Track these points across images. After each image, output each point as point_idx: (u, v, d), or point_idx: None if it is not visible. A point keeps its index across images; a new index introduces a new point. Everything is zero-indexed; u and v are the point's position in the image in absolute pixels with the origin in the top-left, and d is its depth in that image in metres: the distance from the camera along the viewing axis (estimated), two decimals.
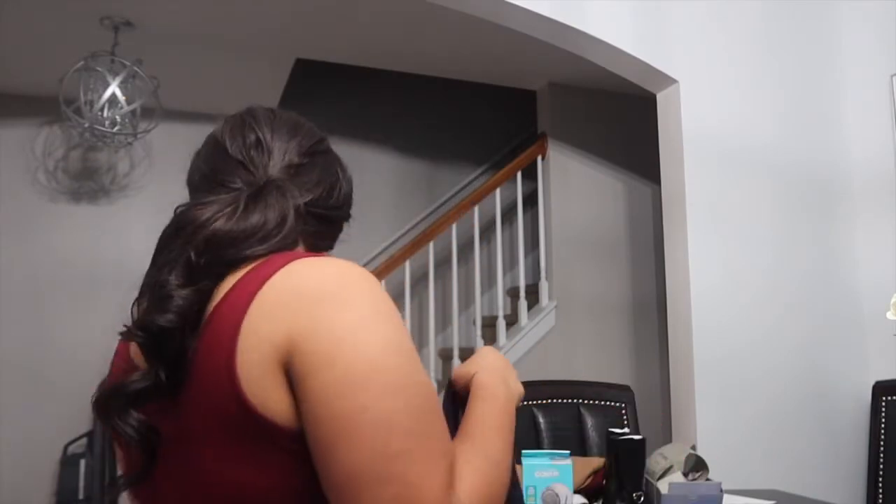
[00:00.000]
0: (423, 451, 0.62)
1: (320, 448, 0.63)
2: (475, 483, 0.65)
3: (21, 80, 3.76)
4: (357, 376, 0.62)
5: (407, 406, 0.63)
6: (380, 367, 0.63)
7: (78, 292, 3.95)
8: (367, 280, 0.70)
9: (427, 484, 0.60)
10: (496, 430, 0.76)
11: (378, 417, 0.61)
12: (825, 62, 2.93)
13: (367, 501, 0.60)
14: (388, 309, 0.68)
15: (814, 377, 2.74)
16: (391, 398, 0.62)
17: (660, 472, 1.54)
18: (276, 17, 3.17)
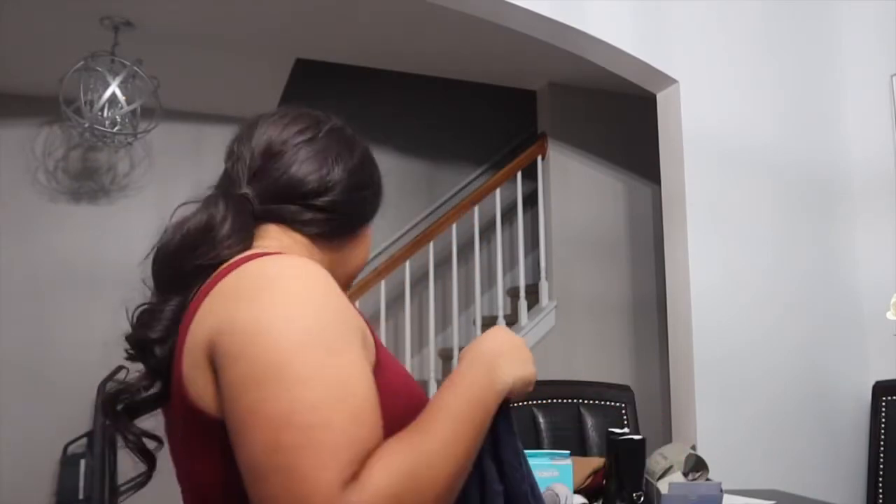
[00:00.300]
0: (320, 444, 0.61)
1: (231, 440, 0.66)
2: (391, 476, 0.62)
3: (21, 80, 3.76)
4: (259, 371, 0.64)
5: (308, 399, 0.63)
6: (283, 362, 0.64)
7: (78, 292, 3.95)
8: (302, 277, 0.72)
9: (317, 476, 0.60)
10: (448, 419, 0.70)
11: (275, 411, 0.62)
12: (825, 62, 2.93)
13: (259, 492, 0.63)
14: (315, 304, 0.69)
15: (814, 377, 2.74)
16: (291, 392, 0.63)
17: (660, 472, 1.54)
18: (276, 17, 3.17)
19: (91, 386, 3.78)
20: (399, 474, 0.63)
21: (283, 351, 0.65)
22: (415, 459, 0.65)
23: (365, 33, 3.36)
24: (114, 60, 3.15)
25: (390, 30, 3.33)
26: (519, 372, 0.81)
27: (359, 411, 0.65)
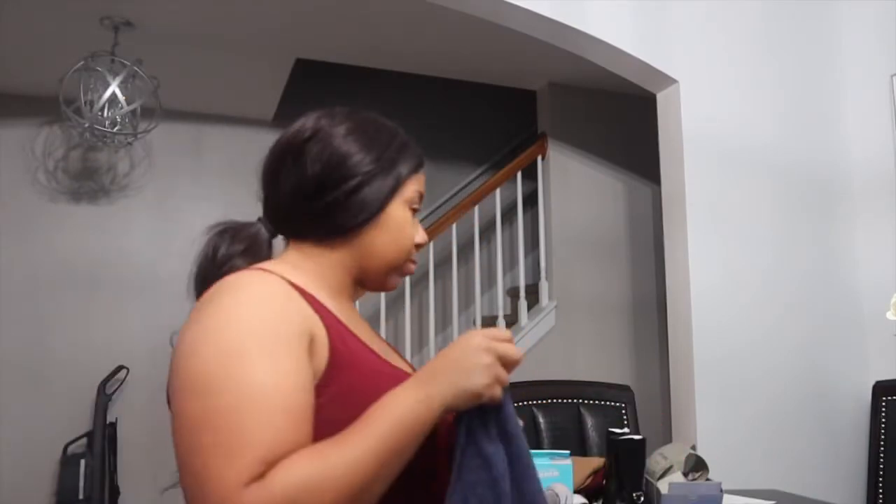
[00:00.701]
0: (228, 446, 0.69)
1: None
2: (289, 480, 0.68)
3: (21, 80, 3.76)
4: (185, 382, 0.74)
5: (220, 406, 0.71)
6: (202, 373, 0.73)
7: (78, 292, 3.95)
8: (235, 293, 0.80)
9: (221, 474, 0.68)
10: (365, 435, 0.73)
11: (193, 417, 0.72)
12: (825, 62, 2.93)
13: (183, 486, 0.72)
14: (238, 318, 0.77)
15: (814, 377, 2.74)
16: (205, 400, 0.71)
17: (660, 472, 1.54)
18: (276, 17, 3.17)
19: (91, 386, 3.79)
20: (298, 481, 0.68)
21: (201, 363, 0.74)
22: (319, 469, 0.70)
23: (365, 33, 3.36)
24: (114, 60, 3.15)
25: (390, 30, 3.33)
26: (460, 385, 0.78)
27: (268, 416, 0.71)
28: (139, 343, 3.99)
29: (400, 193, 0.96)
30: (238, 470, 0.68)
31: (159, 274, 4.09)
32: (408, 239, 0.97)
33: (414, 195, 0.98)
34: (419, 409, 0.76)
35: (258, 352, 0.74)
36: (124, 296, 4.03)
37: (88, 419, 3.78)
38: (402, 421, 0.75)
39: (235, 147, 4.34)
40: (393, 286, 1.00)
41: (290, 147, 0.95)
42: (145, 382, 3.93)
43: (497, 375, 0.80)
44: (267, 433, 0.70)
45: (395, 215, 0.95)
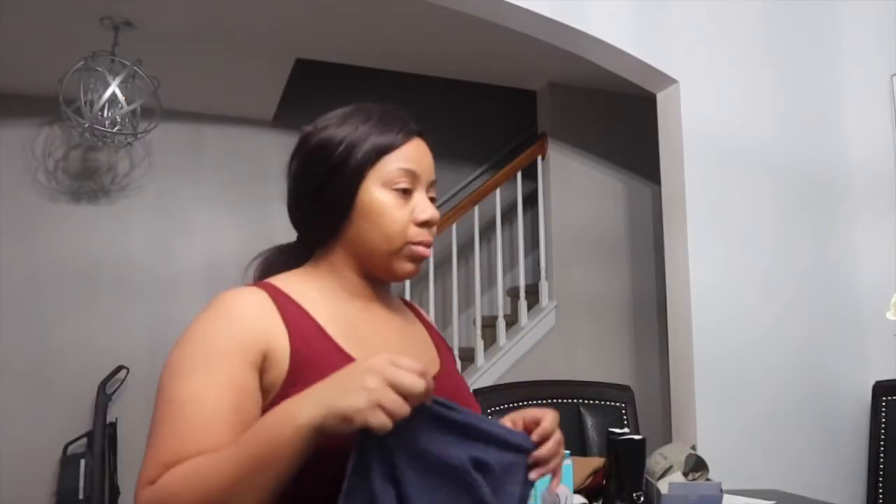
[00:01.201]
0: (152, 448, 0.79)
1: None
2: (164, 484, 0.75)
3: (21, 80, 3.76)
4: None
5: (156, 415, 0.81)
6: (159, 384, 0.84)
7: (78, 292, 3.95)
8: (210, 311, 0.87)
9: (143, 471, 0.78)
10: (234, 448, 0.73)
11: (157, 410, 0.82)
12: (825, 62, 2.93)
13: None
14: (192, 337, 0.85)
15: (814, 377, 2.74)
16: (154, 409, 0.83)
17: (660, 472, 1.54)
18: (276, 17, 3.17)
19: (91, 386, 3.79)
20: (170, 484, 0.75)
21: (164, 370, 0.84)
22: (181, 478, 0.75)
23: (365, 33, 3.36)
24: (114, 60, 3.15)
25: (390, 30, 3.33)
26: (332, 403, 0.69)
27: (179, 425, 0.79)
28: (139, 343, 3.99)
29: (371, 176, 0.92)
30: (147, 470, 0.77)
31: (159, 274, 4.09)
32: (394, 222, 0.92)
33: (393, 174, 0.93)
34: (283, 424, 0.71)
35: (191, 367, 0.82)
36: (124, 296, 4.03)
37: (88, 419, 3.78)
38: (264, 435, 0.72)
39: (235, 147, 4.34)
40: (406, 273, 0.95)
41: (287, 162, 1.00)
42: (145, 382, 3.93)
43: (379, 401, 0.68)
44: (173, 441, 0.78)
45: (371, 200, 0.92)
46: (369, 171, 0.92)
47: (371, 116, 0.96)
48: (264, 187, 4.26)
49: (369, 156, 0.92)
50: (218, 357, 0.82)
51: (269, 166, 4.33)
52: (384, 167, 0.93)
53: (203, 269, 4.16)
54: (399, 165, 0.93)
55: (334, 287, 0.95)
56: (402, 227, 0.93)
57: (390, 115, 0.98)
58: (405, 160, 0.94)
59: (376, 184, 0.92)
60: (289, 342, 0.85)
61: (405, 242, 0.93)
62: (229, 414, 0.79)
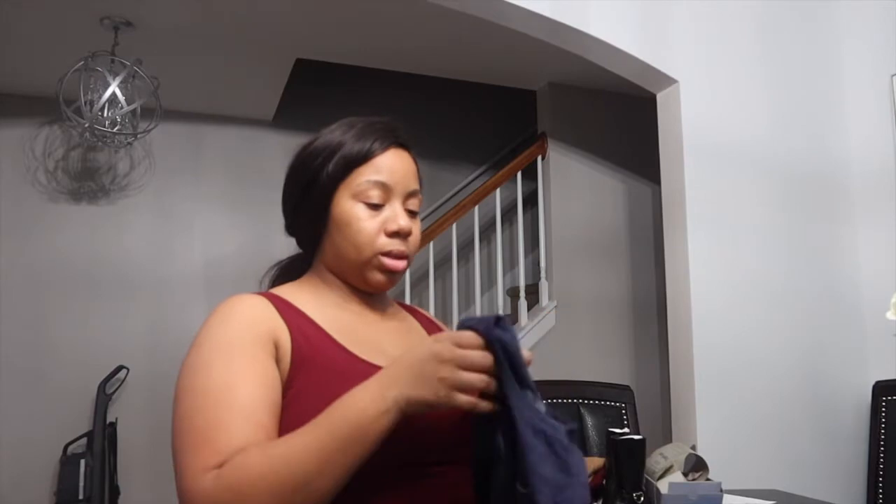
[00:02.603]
0: (192, 443, 0.79)
1: None
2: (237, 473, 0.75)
3: (21, 80, 3.76)
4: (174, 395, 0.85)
5: (187, 411, 0.82)
6: (180, 387, 0.84)
7: (78, 292, 3.95)
8: (217, 314, 0.89)
9: (187, 466, 0.78)
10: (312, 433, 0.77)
11: (174, 420, 0.83)
12: (825, 62, 2.93)
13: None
14: (209, 333, 0.86)
15: (814, 377, 2.74)
16: (182, 401, 0.83)
17: (660, 472, 1.54)
18: (276, 17, 3.17)
19: (91, 386, 3.79)
20: (243, 473, 0.75)
21: (181, 380, 0.84)
22: (261, 463, 0.75)
23: (365, 33, 3.36)
24: (114, 60, 3.15)
25: (390, 30, 3.33)
26: (410, 394, 0.76)
27: (219, 414, 0.80)
28: (139, 343, 3.99)
29: (343, 188, 0.94)
30: (198, 460, 0.77)
31: (159, 274, 4.09)
32: (362, 234, 0.94)
33: (363, 186, 0.94)
34: (366, 412, 0.76)
35: (218, 362, 0.83)
36: (124, 296, 4.03)
37: (88, 419, 3.78)
38: (347, 419, 0.76)
39: (235, 147, 4.34)
40: (378, 283, 0.97)
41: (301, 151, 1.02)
42: (145, 382, 3.93)
43: (455, 384, 0.75)
44: (222, 428, 0.79)
45: (341, 212, 0.94)
46: (341, 183, 0.94)
47: (352, 128, 0.97)
48: (264, 187, 4.25)
49: (339, 168, 0.94)
50: (241, 348, 0.84)
51: (269, 166, 4.33)
52: (355, 179, 0.94)
53: (203, 269, 4.16)
54: (369, 178, 0.94)
55: (328, 294, 0.99)
56: (369, 237, 0.94)
57: (371, 126, 0.97)
58: (377, 172, 0.94)
59: (347, 196, 0.94)
60: (290, 338, 0.88)
61: (374, 253, 0.94)
62: (264, 398, 0.82)
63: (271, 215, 4.67)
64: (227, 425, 0.79)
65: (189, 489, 0.77)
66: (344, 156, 0.94)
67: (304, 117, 4.51)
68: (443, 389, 0.75)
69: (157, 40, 3.34)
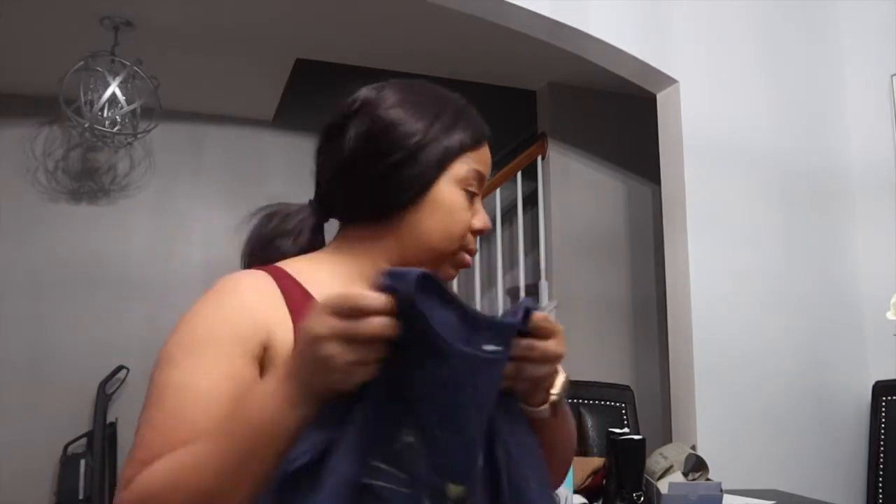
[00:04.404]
0: (140, 436, 0.73)
1: None
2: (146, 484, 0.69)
3: (21, 80, 3.76)
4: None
5: (149, 399, 0.76)
6: (154, 365, 0.79)
7: (78, 292, 3.95)
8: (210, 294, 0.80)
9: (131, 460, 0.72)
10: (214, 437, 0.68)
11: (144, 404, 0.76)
12: (825, 62, 2.93)
13: None
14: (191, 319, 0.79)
15: (814, 377, 2.74)
16: (148, 393, 0.77)
17: (660, 472, 1.54)
18: (276, 18, 3.17)
19: (91, 386, 3.79)
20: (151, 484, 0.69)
21: (161, 352, 0.80)
22: (170, 472, 0.68)
23: (365, 33, 3.36)
24: (114, 60, 3.15)
25: (390, 30, 3.33)
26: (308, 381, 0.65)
27: (161, 419, 0.73)
28: (139, 343, 3.99)
29: (449, 171, 0.86)
30: (130, 467, 0.71)
31: (159, 274, 4.09)
32: (459, 224, 0.86)
33: (468, 174, 0.87)
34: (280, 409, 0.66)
35: (182, 356, 0.76)
36: (124, 296, 4.03)
37: (88, 419, 3.78)
38: (258, 422, 0.66)
39: (235, 147, 4.34)
40: (447, 277, 0.89)
41: (334, 123, 0.87)
42: (145, 382, 3.90)
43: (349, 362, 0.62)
44: (155, 435, 0.72)
45: (444, 196, 0.85)
46: (450, 164, 0.86)
47: (447, 106, 0.89)
48: (264, 187, 4.25)
49: (453, 150, 0.86)
50: (214, 344, 0.74)
51: (269, 166, 4.33)
52: (463, 166, 0.87)
53: (203, 269, 4.15)
54: (474, 167, 0.88)
55: (352, 273, 0.86)
56: (463, 229, 0.87)
57: (468, 110, 0.91)
58: (479, 162, 0.89)
59: (451, 180, 0.86)
60: (291, 332, 0.76)
61: (460, 246, 0.88)
62: (219, 406, 0.71)
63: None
64: (162, 433, 0.71)
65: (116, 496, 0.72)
66: (461, 140, 0.87)
67: (304, 117, 4.52)
68: (337, 373, 0.63)
69: (157, 40, 3.34)
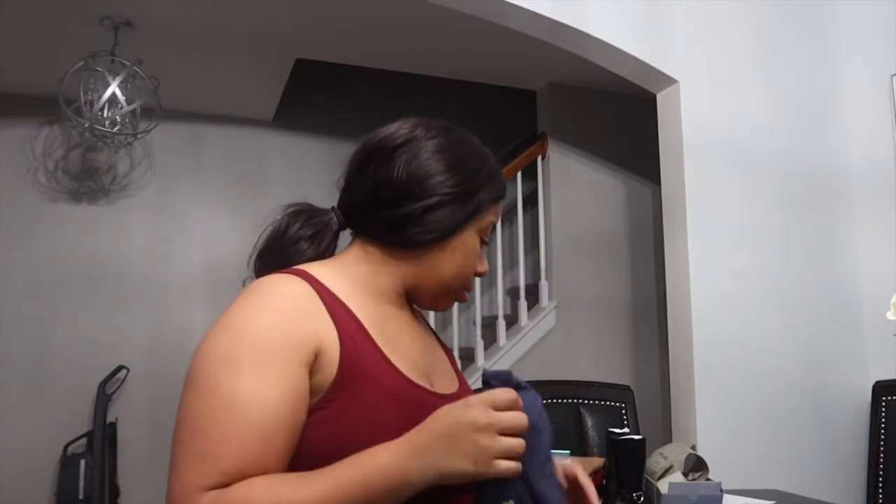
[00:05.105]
0: (194, 448, 0.72)
1: None
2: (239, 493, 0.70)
3: (21, 80, 3.76)
4: (187, 375, 0.77)
5: (199, 409, 0.74)
6: (195, 374, 0.76)
7: (78, 292, 3.95)
8: (254, 299, 0.81)
9: (181, 473, 0.72)
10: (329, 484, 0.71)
11: (181, 412, 0.75)
12: (825, 62, 2.93)
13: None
14: (239, 326, 0.78)
15: (814, 377, 2.74)
16: (191, 399, 0.75)
17: (660, 472, 1.54)
18: (276, 18, 3.17)
19: (91, 386, 3.79)
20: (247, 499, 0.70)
21: (199, 361, 0.77)
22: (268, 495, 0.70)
23: (365, 33, 3.36)
24: (114, 60, 3.15)
25: (390, 30, 3.33)
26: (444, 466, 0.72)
27: (238, 429, 0.73)
28: (139, 343, 3.99)
29: (476, 222, 0.95)
30: (198, 474, 0.71)
31: (159, 274, 4.09)
32: (471, 267, 0.97)
33: (488, 226, 0.97)
34: (389, 478, 0.72)
35: (248, 362, 0.75)
36: (124, 296, 4.03)
37: (88, 419, 3.78)
38: (366, 482, 0.71)
39: (235, 147, 4.34)
40: (444, 308, 1.00)
41: (382, 147, 0.93)
42: (145, 382, 3.93)
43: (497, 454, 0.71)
44: (232, 447, 0.72)
45: (466, 242, 0.94)
46: (479, 216, 0.95)
47: (486, 161, 1.00)
48: (264, 187, 4.25)
49: (485, 202, 0.96)
50: (275, 354, 0.76)
51: (269, 166, 4.33)
52: (486, 217, 0.96)
53: (203, 269, 4.16)
54: (493, 220, 0.98)
55: (369, 287, 0.92)
56: (472, 272, 0.98)
57: (498, 168, 1.02)
58: (497, 216, 0.99)
59: (474, 228, 0.95)
60: (339, 342, 0.80)
61: (463, 286, 0.98)
62: (287, 419, 0.75)
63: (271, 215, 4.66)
64: (241, 445, 0.72)
65: (178, 502, 0.71)
66: (493, 195, 0.97)
67: (304, 117, 4.52)
68: (482, 458, 0.71)
69: (157, 40, 3.34)
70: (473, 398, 0.74)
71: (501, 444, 0.71)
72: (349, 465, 0.73)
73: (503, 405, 0.72)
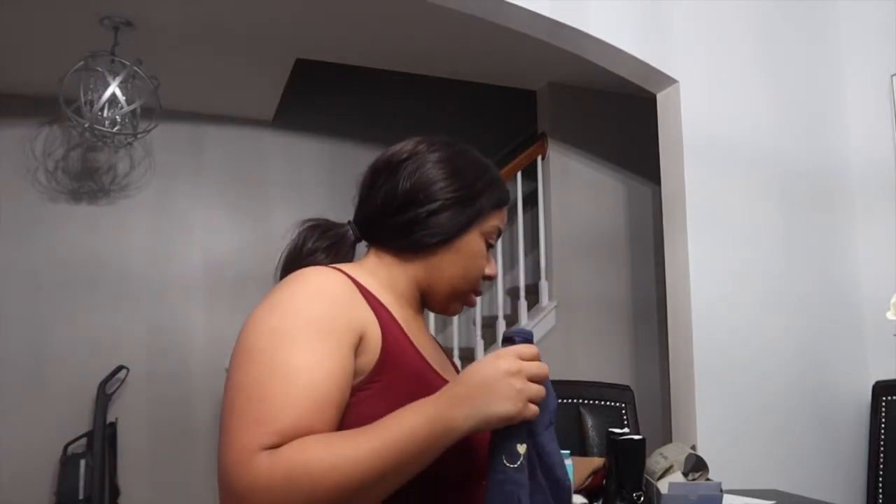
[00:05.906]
0: (251, 413, 0.76)
1: None
2: (294, 460, 0.73)
3: (21, 80, 3.76)
4: (238, 351, 0.82)
5: (255, 378, 0.78)
6: (249, 348, 0.81)
7: (78, 292, 3.95)
8: (293, 286, 0.87)
9: (238, 436, 0.75)
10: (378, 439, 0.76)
11: (233, 381, 0.80)
12: (825, 62, 2.93)
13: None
14: (287, 306, 0.84)
15: (814, 377, 2.74)
16: (246, 370, 0.80)
17: (660, 472, 1.54)
18: (276, 18, 3.17)
19: (91, 386, 3.79)
20: (302, 461, 0.73)
21: (254, 337, 0.82)
22: (323, 457, 0.73)
23: (365, 33, 3.36)
24: (114, 60, 3.15)
25: (390, 30, 3.33)
26: (489, 411, 0.78)
27: (294, 395, 0.77)
28: (139, 343, 3.99)
29: (478, 225, 1.01)
30: (255, 435, 0.75)
31: (159, 274, 4.09)
32: (477, 269, 1.02)
33: (492, 230, 1.02)
34: (436, 427, 0.77)
35: (303, 337, 0.81)
36: (124, 296, 4.03)
37: (88, 419, 3.78)
38: (415, 432, 0.76)
39: (235, 147, 4.34)
40: (453, 312, 1.05)
41: (389, 163, 1.01)
42: (145, 382, 3.93)
43: (529, 398, 0.80)
44: (289, 410, 0.76)
45: (470, 244, 1.00)
46: (483, 217, 1.01)
47: (487, 168, 1.04)
48: (264, 187, 4.25)
49: (487, 207, 1.01)
50: (327, 333, 0.82)
51: (269, 166, 4.33)
52: (490, 221, 1.02)
53: (203, 269, 4.16)
54: (498, 224, 1.04)
55: (392, 290, 0.99)
56: (479, 274, 1.03)
57: (500, 177, 1.07)
58: (501, 221, 1.05)
59: (478, 231, 1.01)
60: (380, 331, 0.88)
61: (471, 289, 1.04)
62: (339, 392, 0.81)
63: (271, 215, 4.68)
64: (296, 408, 0.76)
65: (236, 462, 0.74)
66: (495, 198, 1.02)
67: (304, 117, 4.52)
68: (520, 400, 0.79)
69: (157, 40, 3.34)
70: (502, 350, 0.82)
71: (532, 387, 0.80)
72: (396, 418, 0.78)
73: (528, 356, 0.81)
